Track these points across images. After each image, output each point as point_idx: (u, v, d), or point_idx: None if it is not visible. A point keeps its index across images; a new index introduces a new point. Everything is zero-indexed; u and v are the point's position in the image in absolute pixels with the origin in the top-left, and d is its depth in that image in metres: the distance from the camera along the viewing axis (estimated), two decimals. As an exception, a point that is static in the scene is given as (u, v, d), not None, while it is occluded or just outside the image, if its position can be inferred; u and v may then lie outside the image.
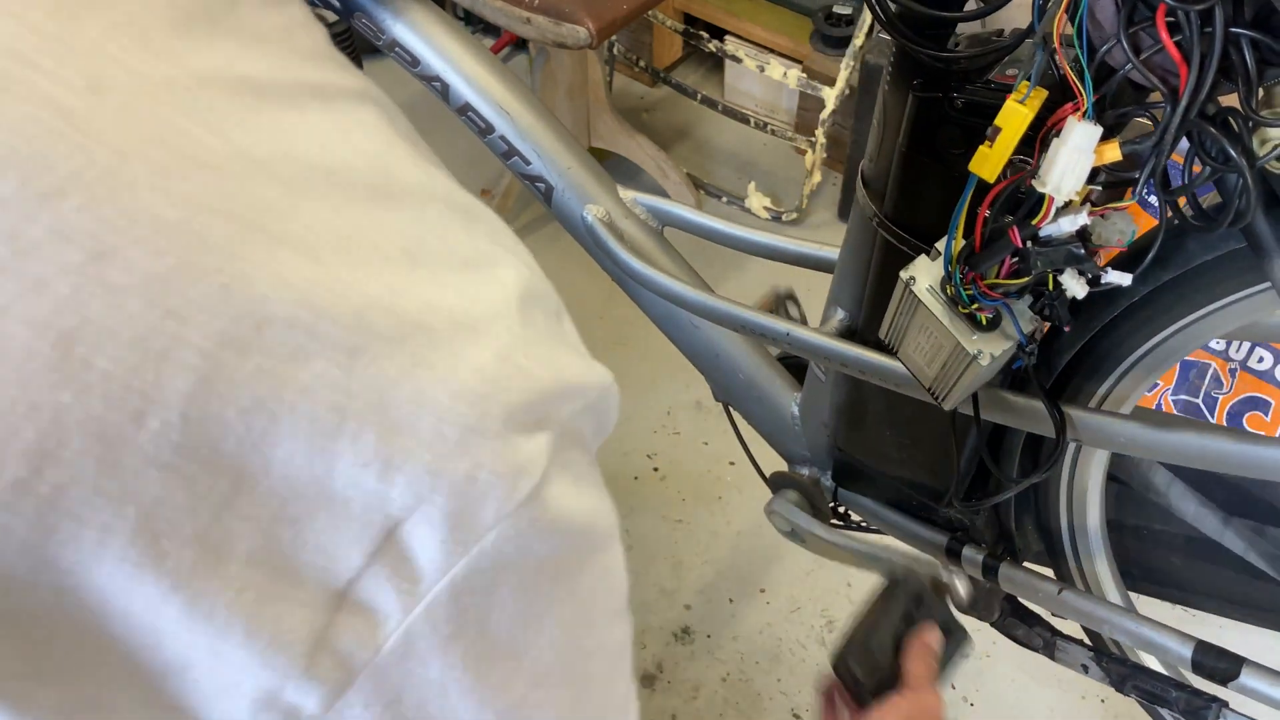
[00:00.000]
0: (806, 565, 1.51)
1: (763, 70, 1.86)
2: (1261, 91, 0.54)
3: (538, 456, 0.31)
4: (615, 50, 2.06)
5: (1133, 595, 0.95)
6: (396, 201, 0.32)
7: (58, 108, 0.25)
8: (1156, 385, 1.38)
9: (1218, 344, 1.34)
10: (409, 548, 0.28)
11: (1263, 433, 1.33)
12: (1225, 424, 1.33)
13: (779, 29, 1.98)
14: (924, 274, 0.62)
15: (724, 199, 2.04)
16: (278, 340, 0.26)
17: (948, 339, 0.61)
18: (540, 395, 0.31)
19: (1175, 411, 1.36)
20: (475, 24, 2.41)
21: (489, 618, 0.30)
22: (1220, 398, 1.35)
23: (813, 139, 1.84)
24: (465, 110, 0.96)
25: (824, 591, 1.49)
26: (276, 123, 0.30)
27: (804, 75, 1.84)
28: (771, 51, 1.97)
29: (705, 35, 1.94)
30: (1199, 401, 1.36)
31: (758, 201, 1.99)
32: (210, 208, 0.26)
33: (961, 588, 0.83)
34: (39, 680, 0.26)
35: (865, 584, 1.48)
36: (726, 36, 2.01)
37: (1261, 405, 1.34)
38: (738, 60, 1.89)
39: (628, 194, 0.98)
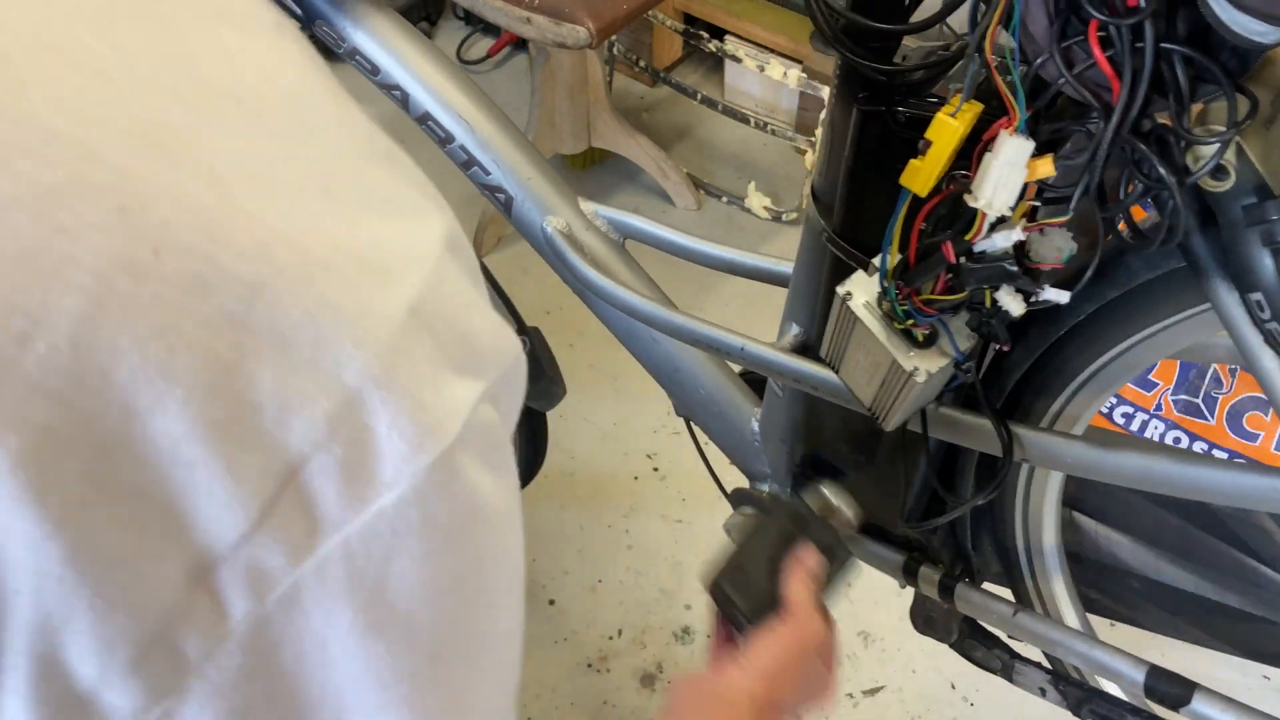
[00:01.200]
0: None
1: (763, 70, 1.86)
2: (1200, 107, 0.53)
3: (448, 419, 0.29)
4: (615, 50, 2.05)
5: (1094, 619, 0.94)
6: (312, 137, 0.31)
7: None
8: (1156, 385, 1.37)
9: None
10: (302, 498, 0.27)
11: (1253, 435, 1.32)
12: (1225, 424, 1.32)
13: (779, 29, 1.97)
14: (861, 289, 0.61)
15: (724, 199, 2.03)
16: (176, 268, 0.25)
17: (884, 356, 0.61)
18: (453, 355, 0.30)
19: (1175, 411, 1.35)
20: (475, 24, 2.41)
21: (385, 584, 0.29)
22: (1220, 397, 1.34)
23: (813, 139, 1.84)
24: (425, 119, 0.95)
25: None
26: (181, 44, 0.29)
27: (804, 75, 1.83)
28: (771, 51, 1.96)
29: (705, 35, 1.94)
30: (1199, 401, 1.35)
31: (758, 201, 1.98)
32: (106, 122, 0.25)
33: (848, 509, 0.78)
34: None
35: (866, 584, 1.46)
36: (726, 36, 2.00)
37: (1262, 405, 1.32)
38: (738, 60, 1.89)
39: (589, 206, 0.97)
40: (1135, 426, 1.36)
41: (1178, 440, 1.31)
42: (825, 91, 1.78)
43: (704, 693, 0.66)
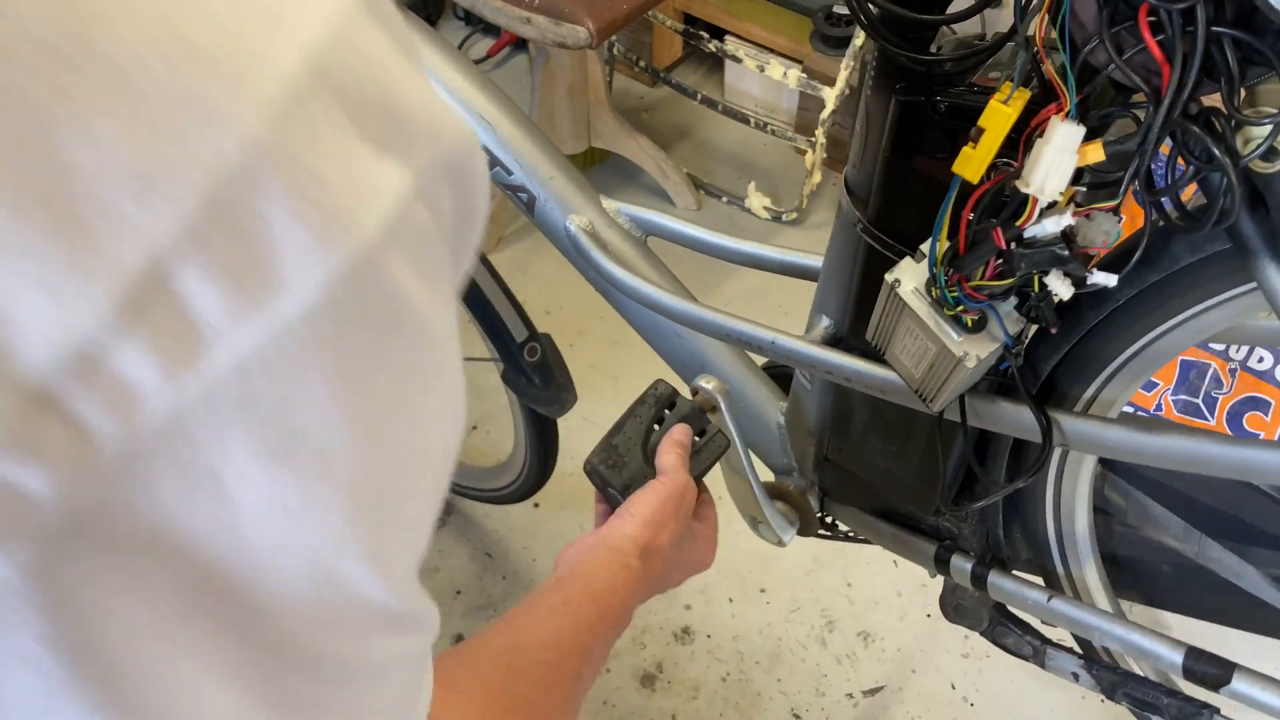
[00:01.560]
0: (806, 565, 1.50)
1: (763, 70, 1.86)
2: (1244, 91, 0.54)
3: (364, 204, 0.23)
4: (615, 50, 2.05)
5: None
6: None
7: None
8: (1156, 385, 1.38)
9: (1217, 344, 1.34)
10: (174, 302, 0.21)
11: (1253, 435, 1.33)
12: (1225, 424, 1.33)
13: (779, 29, 1.97)
14: (909, 276, 0.62)
15: (724, 199, 2.04)
16: None
17: (934, 341, 0.61)
18: (368, 126, 0.24)
19: (1175, 411, 1.36)
20: (475, 24, 2.41)
21: (291, 405, 0.24)
22: (1220, 397, 1.35)
23: (813, 139, 1.85)
24: (447, 120, 0.95)
25: (824, 591, 1.48)
26: None
27: (804, 75, 1.84)
28: (771, 51, 1.96)
29: (705, 35, 1.94)
30: (1199, 401, 1.36)
31: (758, 201, 1.99)
32: None
33: (721, 400, 0.80)
34: None
35: (865, 584, 1.48)
36: (726, 36, 2.00)
37: (1261, 405, 1.34)
38: (738, 60, 1.89)
39: (610, 204, 0.97)
40: (1135, 427, 1.37)
41: (1177, 441, 1.32)
42: (825, 91, 1.79)
43: (587, 544, 0.69)
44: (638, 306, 0.96)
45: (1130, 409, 1.37)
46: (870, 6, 0.63)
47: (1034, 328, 0.73)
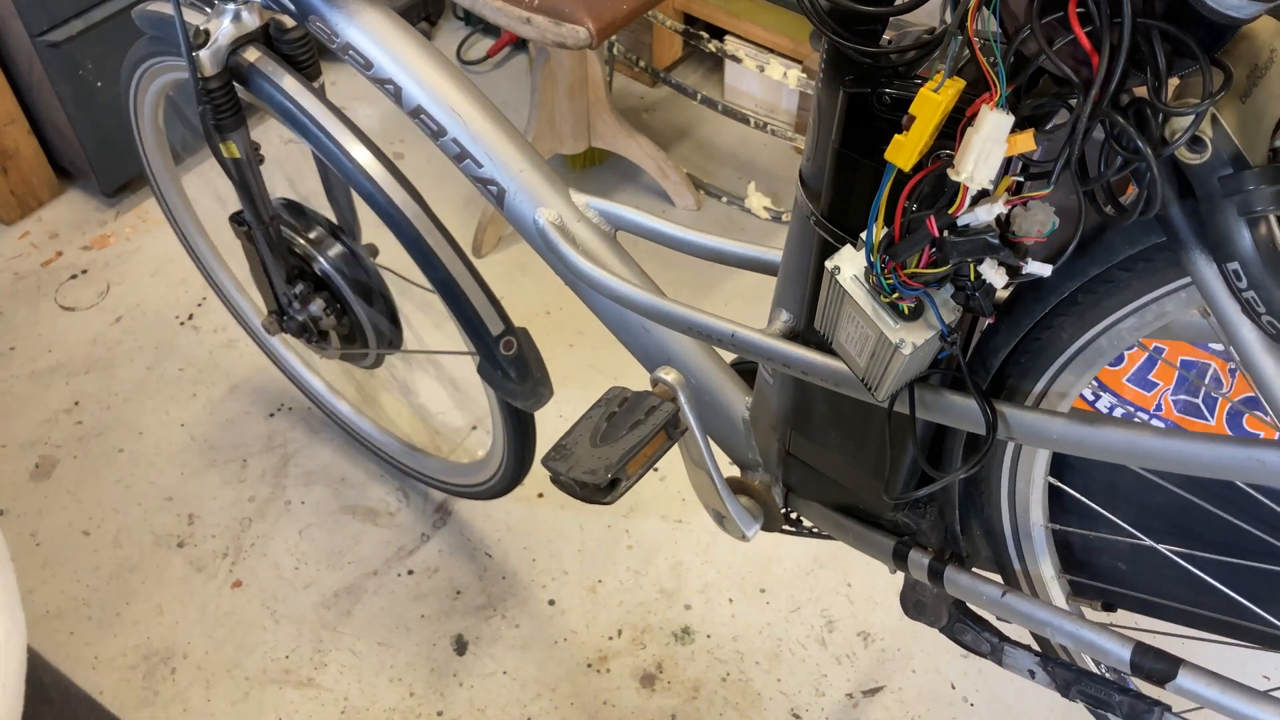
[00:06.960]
0: (806, 565, 1.51)
1: (763, 70, 1.87)
2: (1177, 82, 0.55)
3: None
4: (615, 50, 2.06)
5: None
6: None
7: None
8: (1155, 385, 1.37)
9: (1217, 344, 1.32)
10: None
11: (1252, 436, 1.32)
12: (1225, 424, 1.33)
13: (779, 29, 1.99)
14: (848, 264, 0.62)
15: (724, 199, 2.05)
16: None
17: (872, 328, 0.62)
18: None
19: (1175, 411, 1.36)
20: (475, 24, 2.42)
21: None
22: (1220, 398, 1.34)
23: None
24: (418, 113, 0.96)
25: (824, 591, 1.49)
26: None
27: (804, 75, 1.84)
28: (771, 51, 1.98)
29: (705, 35, 1.95)
30: (1199, 401, 1.35)
31: (758, 201, 2.00)
32: None
33: (680, 391, 0.84)
34: None
35: (865, 584, 1.49)
36: (726, 36, 2.02)
37: (1261, 406, 1.32)
38: (738, 60, 1.90)
39: (580, 198, 0.98)
40: (1136, 427, 1.36)
41: (1179, 441, 1.31)
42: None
43: None
44: (605, 300, 0.97)
45: (1130, 409, 1.37)
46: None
47: (985, 321, 0.73)
